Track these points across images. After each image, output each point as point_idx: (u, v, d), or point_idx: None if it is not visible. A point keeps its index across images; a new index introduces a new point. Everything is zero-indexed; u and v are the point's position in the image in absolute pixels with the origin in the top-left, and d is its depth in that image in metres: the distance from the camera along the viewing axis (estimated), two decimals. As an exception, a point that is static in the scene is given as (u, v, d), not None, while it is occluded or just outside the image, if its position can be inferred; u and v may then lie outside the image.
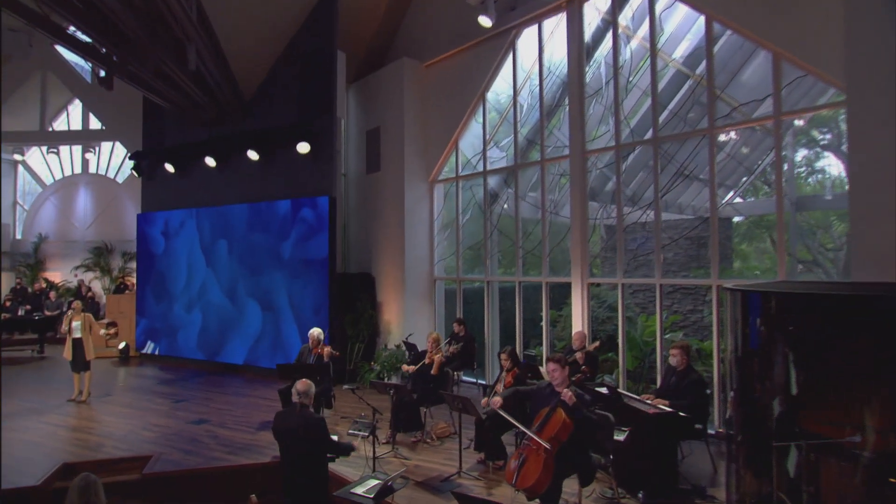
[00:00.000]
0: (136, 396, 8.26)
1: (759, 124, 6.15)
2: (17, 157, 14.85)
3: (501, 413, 4.54)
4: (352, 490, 4.15)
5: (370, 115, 10.77)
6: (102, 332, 7.89)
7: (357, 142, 11.13)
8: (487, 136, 9.38)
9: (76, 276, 14.32)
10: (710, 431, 5.93)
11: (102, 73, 8.95)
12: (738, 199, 9.38)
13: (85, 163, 15.09)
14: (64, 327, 7.88)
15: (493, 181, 9.46)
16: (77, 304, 8.05)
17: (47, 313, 12.67)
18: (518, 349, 8.84)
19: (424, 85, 10.19)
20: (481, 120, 9.46)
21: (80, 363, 7.77)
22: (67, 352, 7.81)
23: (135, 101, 11.81)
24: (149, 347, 11.18)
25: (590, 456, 4.42)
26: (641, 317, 10.44)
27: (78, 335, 7.80)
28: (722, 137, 6.98)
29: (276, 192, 10.07)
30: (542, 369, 6.69)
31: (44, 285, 14.09)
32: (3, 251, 14.28)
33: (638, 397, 5.52)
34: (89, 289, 13.76)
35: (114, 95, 12.85)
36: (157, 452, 5.78)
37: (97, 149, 14.93)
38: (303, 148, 9.52)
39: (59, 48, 13.41)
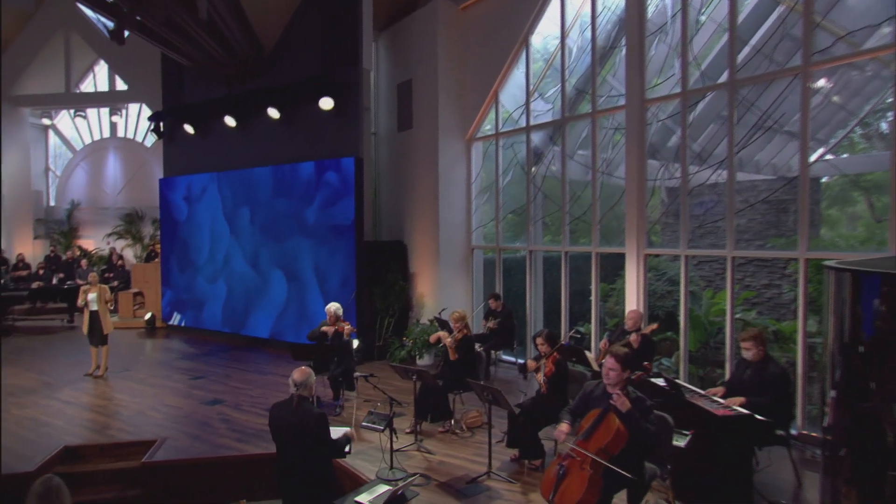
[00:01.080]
0: (153, 372, 8.15)
1: (872, 56, 5.08)
2: (46, 121, 15.00)
3: (580, 450, 3.82)
4: (356, 498, 3.68)
5: (401, 67, 10.06)
6: (111, 305, 7.71)
7: (387, 97, 10.47)
8: (531, 87, 8.52)
9: (108, 243, 14.52)
10: (793, 431, 5.15)
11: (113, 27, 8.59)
12: (828, 156, 8.21)
13: (113, 126, 15.10)
14: (80, 300, 7.77)
15: (536, 138, 8.65)
16: (93, 275, 7.92)
17: (79, 282, 12.87)
18: (563, 326, 8.18)
19: (461, 30, 9.35)
20: (524, 68, 8.59)
21: (97, 337, 7.68)
22: (85, 325, 7.72)
23: (159, 59, 11.52)
24: (175, 319, 11.16)
25: (644, 468, 3.77)
26: (706, 292, 9.51)
27: (94, 308, 7.68)
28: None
29: (299, 154, 9.60)
30: (590, 354, 6.01)
31: (77, 253, 14.35)
32: (19, 219, 14.61)
33: (703, 392, 4.79)
34: (120, 257, 13.91)
35: (138, 54, 12.72)
36: (162, 438, 5.53)
37: (124, 111, 14.89)
38: (325, 104, 8.95)
39: (81, 5, 13.23)
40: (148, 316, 11.24)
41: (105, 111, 15.01)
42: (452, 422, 6.00)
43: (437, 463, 5.16)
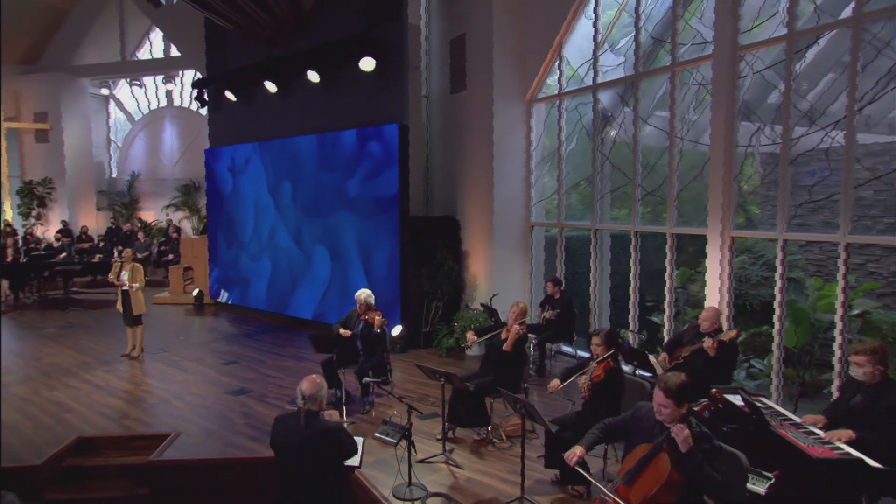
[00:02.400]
0: (189, 354, 8.23)
1: None
2: (104, 91, 15.63)
3: (580, 471, 3.34)
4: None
5: (454, 20, 9.37)
6: (136, 286, 7.73)
7: (440, 55, 9.84)
8: (600, 37, 7.60)
9: (167, 215, 15.05)
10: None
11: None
12: None
13: (168, 95, 15.49)
14: (112, 275, 7.89)
15: (605, 98, 7.74)
16: (127, 252, 8.02)
17: (137, 255, 13.43)
18: (632, 316, 7.42)
19: (520, -27, 8.51)
20: (592, 15, 7.67)
21: (129, 317, 7.79)
22: (119, 304, 7.85)
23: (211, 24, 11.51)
24: (223, 296, 11.34)
25: (703, 522, 3.11)
26: (815, 280, 8.30)
27: (126, 287, 7.77)
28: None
29: (341, 121, 9.25)
30: (655, 359, 5.27)
31: (138, 225, 15.00)
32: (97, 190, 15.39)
33: (797, 419, 3.97)
34: (177, 229, 14.38)
35: (190, 19, 12.79)
36: (176, 432, 5.44)
37: (178, 79, 15.19)
38: (366, 65, 8.48)
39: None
40: (196, 292, 11.51)
41: (161, 79, 15.40)
42: (490, 429, 5.51)
43: (464, 480, 4.70)
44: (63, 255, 12.78)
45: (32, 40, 14.54)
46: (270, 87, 9.79)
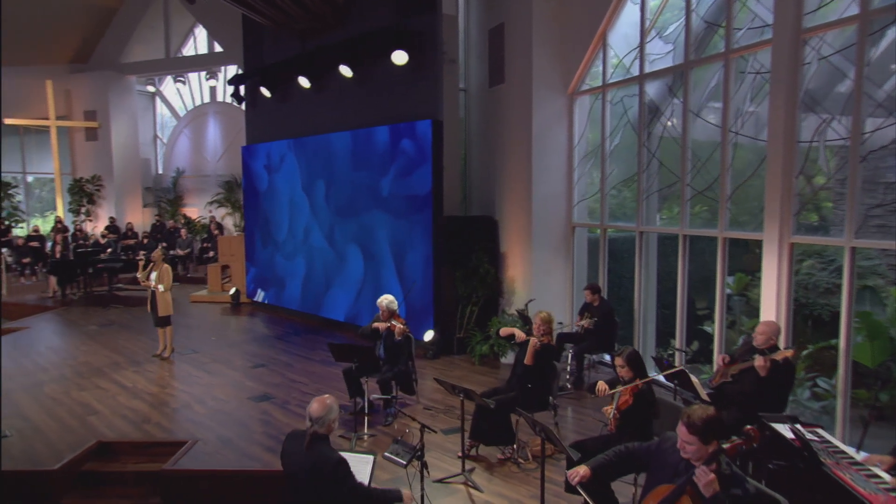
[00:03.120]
0: (218, 356, 8.34)
1: None
2: (150, 88, 16.18)
3: (582, 493, 3.13)
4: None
5: (493, 9, 9.10)
6: (161, 287, 7.84)
7: (479, 46, 9.59)
8: (647, 23, 7.18)
9: (210, 212, 15.45)
10: None
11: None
12: None
13: (212, 91, 15.88)
14: (141, 275, 8.08)
15: (652, 89, 7.32)
16: (157, 253, 8.18)
17: (179, 252, 13.87)
18: (679, 328, 7.00)
19: (562, -44, 8.15)
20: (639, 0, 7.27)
21: (156, 318, 7.96)
22: (149, 304, 8.03)
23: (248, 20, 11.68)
24: (259, 296, 11.52)
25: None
26: (894, 290, 7.61)
27: (154, 288, 7.92)
28: None
29: (375, 117, 9.18)
30: (696, 379, 4.90)
31: (182, 221, 15.47)
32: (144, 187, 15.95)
33: (859, 459, 3.57)
34: (218, 226, 14.72)
35: (232, 15, 13.04)
36: (193, 440, 5.49)
37: (220, 74, 15.54)
38: (399, 58, 8.35)
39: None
40: (232, 291, 11.74)
41: (204, 75, 15.81)
42: (515, 447, 5.28)
43: (482, 505, 4.51)
44: (109, 251, 13.31)
45: (82, 40, 15.18)
46: (304, 82, 9.82)
